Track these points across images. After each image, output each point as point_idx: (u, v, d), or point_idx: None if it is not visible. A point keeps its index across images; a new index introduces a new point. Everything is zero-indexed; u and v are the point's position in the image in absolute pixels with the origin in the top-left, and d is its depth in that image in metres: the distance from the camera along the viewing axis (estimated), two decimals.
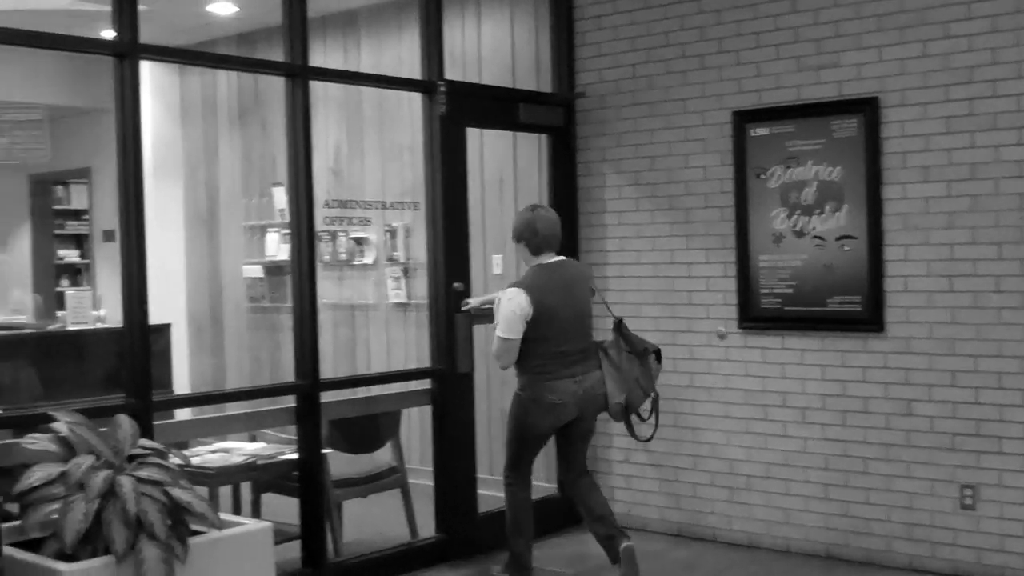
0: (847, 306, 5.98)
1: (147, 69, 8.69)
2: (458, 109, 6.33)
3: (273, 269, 8.90)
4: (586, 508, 5.68)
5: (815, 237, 6.08)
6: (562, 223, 5.68)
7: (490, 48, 7.70)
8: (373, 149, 8.35)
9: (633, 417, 5.71)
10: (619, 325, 5.73)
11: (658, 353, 5.72)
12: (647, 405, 5.75)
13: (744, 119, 6.30)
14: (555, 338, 5.44)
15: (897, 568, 5.87)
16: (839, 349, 6.03)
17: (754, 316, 6.31)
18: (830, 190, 6.02)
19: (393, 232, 8.12)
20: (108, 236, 10.68)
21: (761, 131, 6.25)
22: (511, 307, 5.40)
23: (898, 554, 5.88)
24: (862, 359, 5.96)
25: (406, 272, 8.14)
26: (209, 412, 6.08)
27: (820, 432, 6.11)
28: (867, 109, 5.87)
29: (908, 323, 5.81)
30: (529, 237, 5.58)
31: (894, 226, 5.84)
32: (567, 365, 5.48)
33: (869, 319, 5.91)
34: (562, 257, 5.65)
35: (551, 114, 6.89)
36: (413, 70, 6.70)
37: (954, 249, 5.67)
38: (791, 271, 6.17)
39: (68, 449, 4.11)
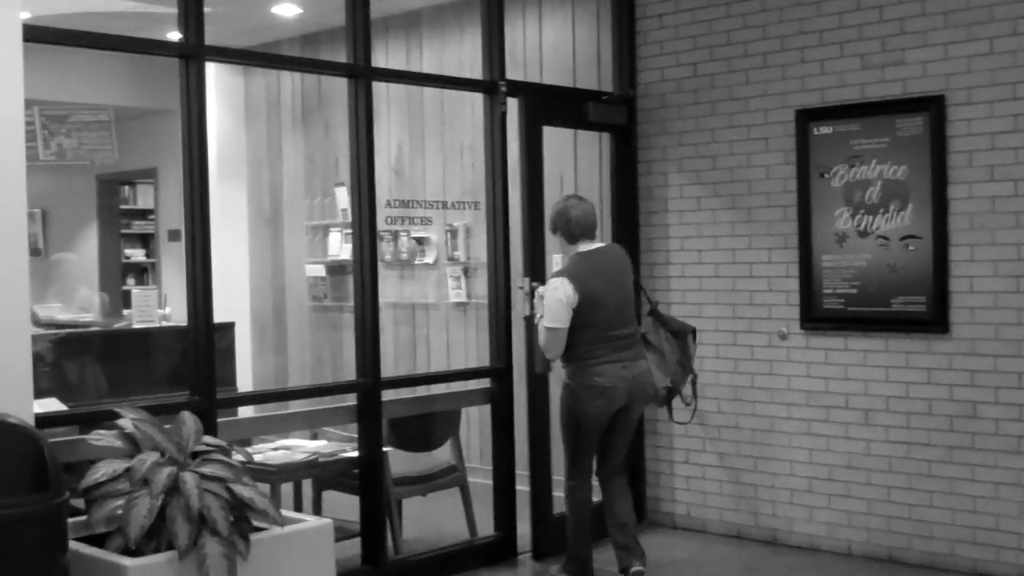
0: (911, 307, 5.91)
1: (212, 70, 8.78)
2: (533, 107, 6.37)
3: (335, 268, 8.96)
4: (611, 511, 5.65)
5: (879, 237, 6.01)
6: (623, 222, 5.67)
7: (551, 47, 7.69)
8: (434, 149, 8.37)
9: (676, 401, 5.75)
10: (654, 310, 5.79)
11: (694, 332, 5.78)
12: (688, 389, 5.79)
13: (807, 118, 6.24)
14: (601, 324, 5.43)
15: (961, 572, 5.79)
16: (903, 350, 5.97)
17: (817, 316, 6.25)
18: (895, 189, 5.95)
19: (454, 232, 8.15)
20: (173, 235, 10.80)
21: (824, 130, 6.19)
22: (556, 296, 5.40)
23: (962, 558, 5.80)
24: (926, 360, 5.89)
25: (466, 272, 8.17)
26: (271, 410, 6.13)
27: (883, 434, 6.04)
28: (932, 107, 5.80)
29: (973, 324, 5.73)
30: (563, 226, 5.60)
31: (960, 226, 5.76)
32: (615, 350, 5.47)
33: (934, 320, 5.83)
34: (602, 244, 5.66)
35: (615, 112, 6.87)
36: (475, 70, 6.71)
37: (1021, 249, 5.58)
38: (854, 271, 6.11)
39: (133, 445, 4.16)
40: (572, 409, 5.53)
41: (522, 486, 6.37)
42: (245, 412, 6.75)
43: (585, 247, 5.57)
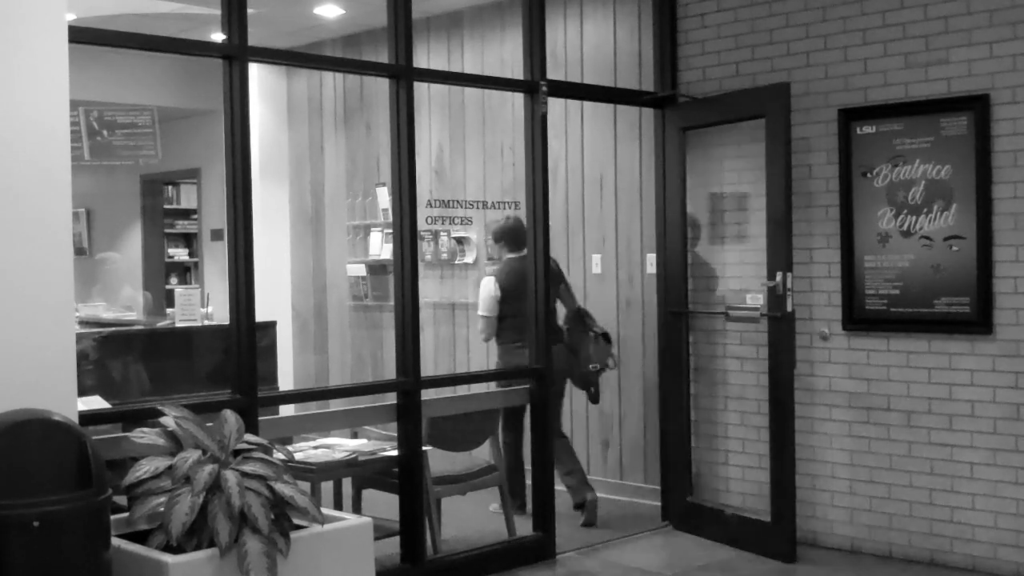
0: (955, 308, 5.86)
1: (255, 71, 8.86)
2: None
3: (376, 268, 8.99)
4: (560, 461, 6.81)
5: (922, 237, 5.96)
6: (668, 219, 5.71)
7: (592, 47, 7.69)
8: (474, 149, 8.39)
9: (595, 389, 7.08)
10: (579, 312, 7.12)
11: (607, 336, 7.04)
12: (596, 379, 7.04)
13: (850, 117, 6.20)
14: (522, 315, 6.58)
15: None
16: (946, 352, 5.91)
17: (859, 317, 6.21)
18: (938, 189, 5.90)
19: None
20: (216, 235, 10.87)
21: (868, 129, 6.15)
22: (488, 292, 7.03)
23: (1004, 562, 5.74)
24: (970, 362, 5.84)
25: None
26: (312, 408, 6.16)
27: (926, 436, 5.99)
28: (977, 106, 5.75)
29: (1018, 325, 5.67)
30: (505, 238, 7.13)
31: (1005, 226, 5.71)
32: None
33: (977, 321, 5.78)
34: (525, 252, 6.64)
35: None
36: (515, 70, 6.71)
37: None
38: (897, 272, 6.06)
39: (175, 443, 4.20)
40: (507, 382, 6.75)
41: (560, 486, 6.40)
42: (286, 411, 6.79)
43: (515, 255, 7.00)
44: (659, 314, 7.11)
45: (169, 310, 8.25)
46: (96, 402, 5.42)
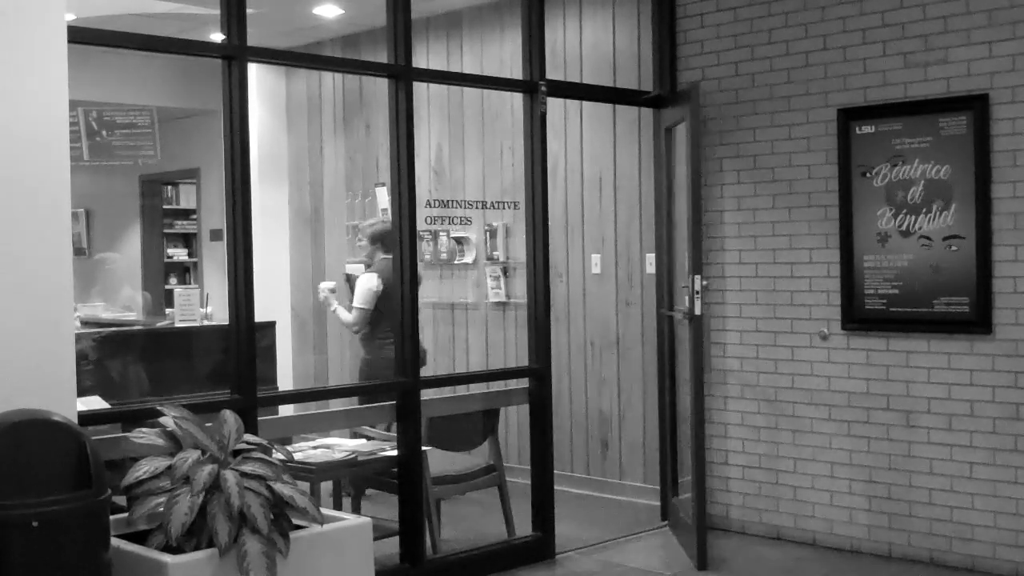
0: (954, 307, 5.87)
1: (254, 71, 8.85)
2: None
3: None
4: None
5: (922, 237, 5.97)
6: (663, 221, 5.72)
7: (591, 47, 7.69)
8: (474, 149, 8.39)
9: None
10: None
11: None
12: None
13: (849, 117, 6.21)
14: (392, 313, 6.43)
15: (1002, 575, 5.75)
16: (945, 351, 5.92)
17: (858, 317, 6.21)
18: (937, 189, 5.90)
19: (493, 231, 8.16)
20: (215, 235, 10.87)
21: (867, 129, 6.15)
22: (368, 286, 7.29)
23: (1003, 561, 5.74)
24: (969, 362, 5.84)
25: (505, 271, 8.18)
26: (311, 408, 6.16)
27: (925, 436, 5.99)
28: (976, 106, 5.75)
29: (1017, 325, 5.68)
30: (384, 239, 7.25)
31: (1004, 226, 5.71)
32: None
33: (976, 321, 5.78)
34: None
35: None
36: (515, 70, 6.71)
37: None
38: (896, 271, 6.07)
39: (174, 443, 4.20)
40: (373, 377, 7.18)
41: (560, 486, 6.40)
42: (285, 411, 6.79)
43: (388, 256, 6.94)
44: (658, 315, 7.12)
45: (168, 310, 8.26)
46: (95, 402, 5.43)
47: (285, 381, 9.06)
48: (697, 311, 6.04)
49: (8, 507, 3.55)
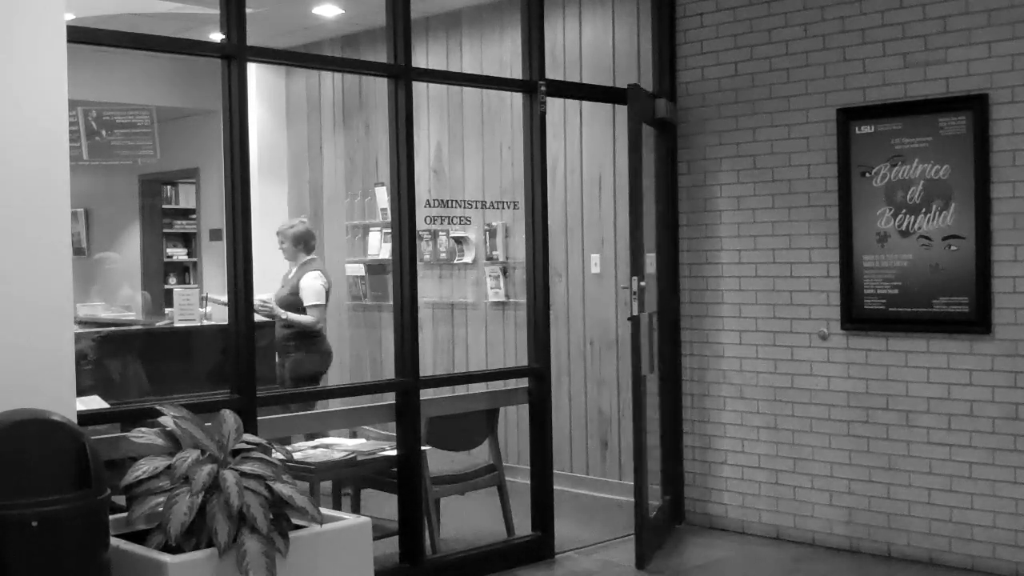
0: (953, 307, 5.87)
1: (253, 71, 8.86)
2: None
3: (375, 268, 8.98)
4: None
5: (921, 237, 5.97)
6: (664, 221, 5.71)
7: (591, 47, 7.69)
8: (473, 149, 8.39)
9: None
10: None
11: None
12: None
13: (849, 117, 6.21)
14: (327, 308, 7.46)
15: (1001, 575, 5.74)
16: (945, 351, 5.92)
17: (858, 317, 6.21)
18: (937, 189, 5.90)
19: (492, 231, 8.16)
20: (215, 235, 10.87)
21: (866, 129, 6.15)
22: (320, 283, 7.70)
23: (1003, 561, 5.74)
24: (968, 362, 5.84)
25: (505, 271, 8.18)
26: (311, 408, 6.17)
27: (924, 436, 6.00)
28: (976, 106, 5.75)
29: (1016, 325, 5.68)
30: (310, 241, 7.88)
31: (1003, 225, 5.71)
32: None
33: (976, 321, 5.78)
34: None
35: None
36: (514, 70, 6.71)
37: None
38: (896, 271, 6.07)
39: (174, 443, 4.20)
40: (313, 370, 7.71)
41: (559, 486, 6.39)
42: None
43: (309, 257, 7.81)
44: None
45: (168, 310, 8.25)
46: (95, 402, 5.42)
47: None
48: (634, 311, 6.06)
49: (8, 507, 3.55)
